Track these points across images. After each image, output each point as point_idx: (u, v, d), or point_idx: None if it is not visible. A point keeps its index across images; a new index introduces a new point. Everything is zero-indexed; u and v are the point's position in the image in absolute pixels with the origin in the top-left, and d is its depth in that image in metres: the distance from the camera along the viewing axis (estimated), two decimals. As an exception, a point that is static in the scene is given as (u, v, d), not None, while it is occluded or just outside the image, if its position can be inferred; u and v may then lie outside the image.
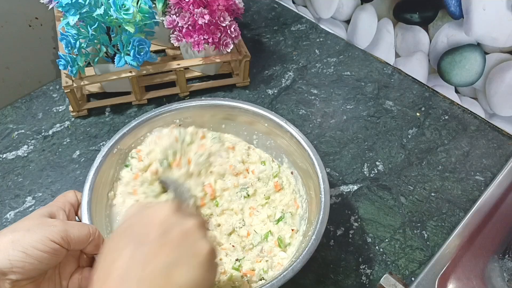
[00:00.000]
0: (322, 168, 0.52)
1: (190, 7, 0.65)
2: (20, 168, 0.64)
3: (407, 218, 0.62)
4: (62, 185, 0.62)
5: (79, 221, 0.46)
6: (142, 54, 0.64)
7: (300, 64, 0.84)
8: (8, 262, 0.36)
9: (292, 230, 0.54)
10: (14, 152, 0.66)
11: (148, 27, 0.66)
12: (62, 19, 0.61)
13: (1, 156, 0.65)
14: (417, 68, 0.80)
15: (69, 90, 0.66)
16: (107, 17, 0.61)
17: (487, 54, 0.69)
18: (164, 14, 0.72)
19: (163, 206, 0.37)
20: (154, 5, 0.70)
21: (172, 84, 0.76)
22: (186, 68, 0.74)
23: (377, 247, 0.58)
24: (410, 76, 0.82)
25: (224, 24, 0.66)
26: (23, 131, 0.69)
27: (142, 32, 0.65)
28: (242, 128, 0.61)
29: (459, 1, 0.67)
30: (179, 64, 0.71)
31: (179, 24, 0.67)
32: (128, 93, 0.73)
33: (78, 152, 0.67)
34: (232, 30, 0.68)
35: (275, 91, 0.78)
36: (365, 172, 0.67)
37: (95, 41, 0.63)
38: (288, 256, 0.52)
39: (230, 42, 0.69)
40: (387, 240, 0.59)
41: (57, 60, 0.63)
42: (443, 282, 0.49)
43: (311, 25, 0.92)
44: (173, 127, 0.58)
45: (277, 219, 0.55)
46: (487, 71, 0.70)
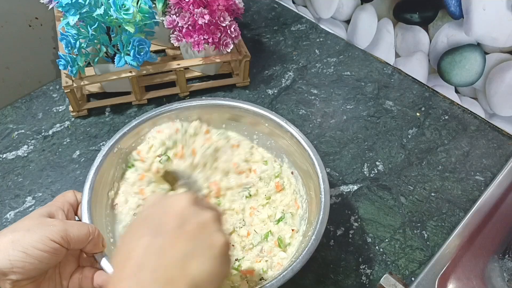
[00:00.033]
0: (322, 168, 0.52)
1: (190, 7, 0.65)
2: (20, 168, 0.64)
3: (407, 218, 0.62)
4: (62, 185, 0.62)
5: (79, 220, 0.46)
6: (142, 54, 0.64)
7: (300, 64, 0.84)
8: (8, 262, 0.36)
9: (292, 230, 0.54)
10: (14, 152, 0.66)
11: (148, 27, 0.66)
12: (62, 19, 0.61)
13: (1, 156, 0.65)
14: (417, 68, 0.80)
15: (69, 90, 0.66)
16: (107, 17, 0.61)
17: (487, 54, 0.69)
18: (164, 14, 0.72)
19: (181, 197, 0.37)
20: (154, 5, 0.71)
21: (172, 84, 0.76)
22: (186, 68, 0.74)
23: (377, 247, 0.58)
24: (410, 76, 0.82)
25: (224, 24, 0.66)
26: (23, 131, 0.69)
27: (142, 32, 0.65)
28: (242, 128, 0.61)
29: (459, 1, 0.67)
30: (179, 64, 0.71)
31: (179, 24, 0.67)
32: (128, 93, 0.73)
33: (78, 152, 0.67)
34: (232, 30, 0.68)
35: (275, 91, 0.78)
36: (365, 172, 0.67)
37: (95, 41, 0.63)
38: (288, 256, 0.52)
39: (230, 42, 0.69)
40: (387, 240, 0.59)
41: (57, 60, 0.63)
42: (443, 282, 0.49)
43: (311, 25, 0.92)
44: (174, 121, 0.57)
45: (277, 219, 0.55)
46: (487, 71, 0.70)
